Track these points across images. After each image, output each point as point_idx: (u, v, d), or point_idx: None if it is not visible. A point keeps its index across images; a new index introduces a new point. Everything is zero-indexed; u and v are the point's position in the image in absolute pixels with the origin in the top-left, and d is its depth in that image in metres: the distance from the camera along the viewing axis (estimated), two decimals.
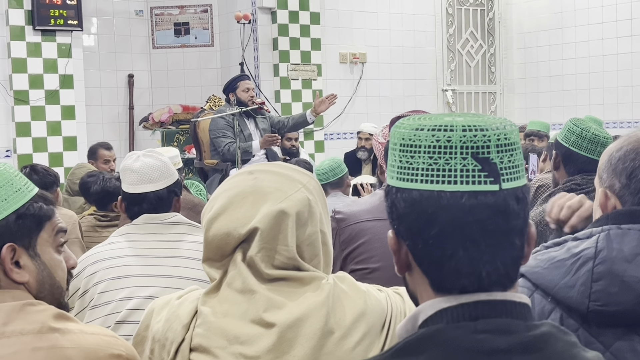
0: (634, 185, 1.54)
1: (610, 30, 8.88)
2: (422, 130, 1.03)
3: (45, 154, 6.90)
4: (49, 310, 1.37)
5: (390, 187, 1.07)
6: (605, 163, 1.62)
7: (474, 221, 1.00)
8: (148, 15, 8.79)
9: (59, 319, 1.36)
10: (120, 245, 2.48)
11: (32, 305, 1.35)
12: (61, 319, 1.36)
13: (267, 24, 8.11)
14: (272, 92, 8.12)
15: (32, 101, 6.83)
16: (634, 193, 1.54)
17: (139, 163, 2.57)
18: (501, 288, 1.03)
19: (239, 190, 1.53)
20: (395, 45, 8.95)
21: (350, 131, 8.43)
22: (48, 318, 1.34)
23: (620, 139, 1.63)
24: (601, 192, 1.63)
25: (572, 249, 1.51)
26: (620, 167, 1.57)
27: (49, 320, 1.34)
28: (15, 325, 1.30)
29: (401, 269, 1.09)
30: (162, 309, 1.57)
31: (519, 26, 9.84)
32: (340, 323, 1.47)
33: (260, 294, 1.47)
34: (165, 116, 8.13)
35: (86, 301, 2.41)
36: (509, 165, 1.01)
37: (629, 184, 1.56)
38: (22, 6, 6.78)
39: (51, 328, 1.32)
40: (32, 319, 1.32)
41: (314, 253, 1.54)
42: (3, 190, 1.37)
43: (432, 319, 1.03)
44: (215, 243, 1.52)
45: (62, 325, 1.34)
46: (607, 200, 1.61)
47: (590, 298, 1.44)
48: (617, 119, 8.86)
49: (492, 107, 9.77)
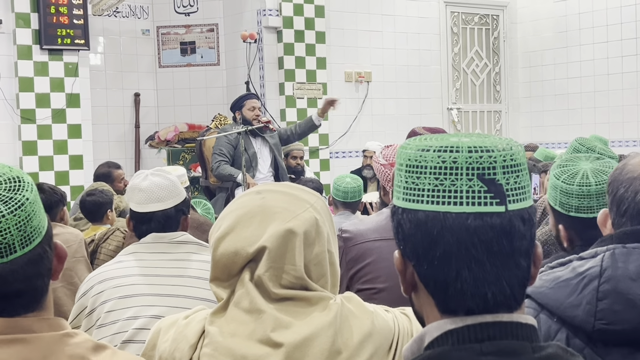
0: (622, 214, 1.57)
1: (615, 49, 8.90)
2: (428, 151, 1.03)
3: (52, 172, 6.92)
4: (88, 342, 1.34)
5: (396, 207, 1.07)
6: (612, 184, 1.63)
7: (479, 242, 1.00)
8: (154, 34, 8.84)
9: (98, 351, 1.33)
10: (128, 264, 2.48)
11: (70, 337, 1.32)
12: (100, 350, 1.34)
13: (273, 43, 8.15)
14: (278, 111, 8.15)
15: (38, 120, 6.86)
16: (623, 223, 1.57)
17: (147, 182, 2.57)
18: (507, 309, 1.03)
19: (246, 210, 1.54)
20: (400, 64, 8.98)
21: (356, 149, 8.44)
22: (87, 351, 1.32)
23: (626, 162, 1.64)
24: (602, 212, 1.66)
25: (577, 268, 1.51)
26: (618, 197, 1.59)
27: (88, 353, 1.31)
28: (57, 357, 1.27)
29: (407, 290, 1.09)
30: (169, 328, 1.57)
31: (524, 45, 9.87)
32: (348, 343, 1.47)
33: (267, 314, 1.47)
34: (171, 135, 8.15)
35: (93, 320, 2.41)
36: (515, 186, 1.01)
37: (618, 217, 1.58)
38: (29, 25, 6.82)
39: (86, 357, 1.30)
40: (71, 352, 1.30)
41: (321, 273, 1.54)
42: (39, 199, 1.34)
43: (438, 341, 1.03)
44: (223, 262, 1.52)
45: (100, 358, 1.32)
46: (606, 221, 1.64)
47: (596, 317, 1.44)
48: (622, 137, 8.86)
49: (497, 125, 9.77)
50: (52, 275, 1.33)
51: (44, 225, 1.30)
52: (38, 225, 1.28)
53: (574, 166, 2.07)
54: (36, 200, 1.29)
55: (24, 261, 1.26)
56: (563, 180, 2.05)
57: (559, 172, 2.09)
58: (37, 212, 1.28)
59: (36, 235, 1.27)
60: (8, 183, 1.28)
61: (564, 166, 2.10)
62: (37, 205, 1.29)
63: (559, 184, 2.06)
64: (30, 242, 1.26)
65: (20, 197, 1.27)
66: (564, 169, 2.09)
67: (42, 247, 1.28)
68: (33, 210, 1.26)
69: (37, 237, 1.27)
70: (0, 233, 1.23)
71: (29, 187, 1.28)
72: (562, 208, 2.04)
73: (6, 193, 1.26)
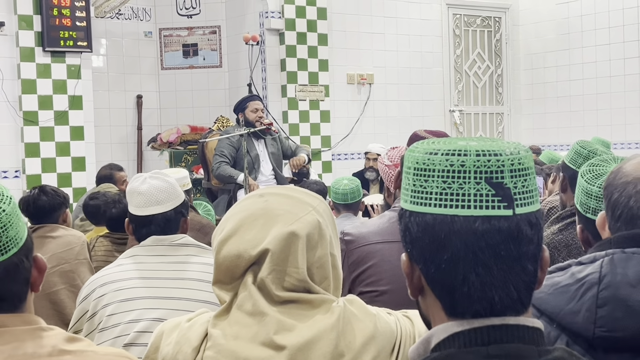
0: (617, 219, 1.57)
1: (617, 51, 8.90)
2: (436, 155, 1.03)
3: (54, 174, 6.92)
4: (61, 333, 1.37)
5: (403, 210, 1.07)
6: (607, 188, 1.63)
7: (487, 246, 1.00)
8: (157, 36, 8.84)
9: (71, 341, 1.36)
10: (128, 268, 2.48)
11: (43, 330, 1.35)
12: (73, 341, 1.37)
13: (275, 45, 8.15)
14: (280, 113, 8.15)
15: (41, 122, 6.86)
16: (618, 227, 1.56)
17: (146, 185, 2.57)
18: (514, 313, 1.03)
19: (249, 213, 1.54)
20: (402, 66, 8.99)
21: (358, 151, 8.44)
22: (59, 341, 1.35)
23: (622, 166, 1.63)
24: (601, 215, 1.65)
25: (576, 274, 1.50)
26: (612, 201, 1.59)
27: (60, 343, 1.34)
28: (27, 349, 1.30)
29: (414, 293, 1.09)
30: (172, 331, 1.57)
31: (526, 47, 9.87)
32: (351, 346, 1.47)
33: (270, 317, 1.47)
34: (174, 137, 8.16)
35: (95, 323, 2.41)
36: (522, 190, 1.01)
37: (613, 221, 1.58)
38: (32, 28, 6.83)
39: (63, 350, 1.33)
40: (43, 342, 1.33)
41: (324, 275, 1.54)
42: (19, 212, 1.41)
43: (445, 343, 1.03)
44: (226, 265, 1.52)
45: (73, 347, 1.35)
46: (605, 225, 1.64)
47: (596, 324, 1.43)
48: (624, 140, 8.86)
49: (499, 127, 9.77)
50: (32, 286, 1.39)
51: (22, 237, 1.36)
52: (15, 237, 1.34)
53: (602, 168, 2.02)
54: (14, 213, 1.35)
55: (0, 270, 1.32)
56: (587, 179, 2.02)
57: (585, 171, 2.05)
58: (14, 224, 1.34)
59: (12, 245, 1.33)
60: None
61: (593, 166, 2.06)
62: (15, 217, 1.35)
63: (582, 183, 2.03)
64: (5, 251, 1.32)
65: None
66: (591, 168, 2.04)
67: (18, 257, 1.34)
68: (9, 222, 1.33)
69: (13, 248, 1.33)
70: None
71: (7, 200, 1.34)
72: (581, 207, 2.00)
73: None
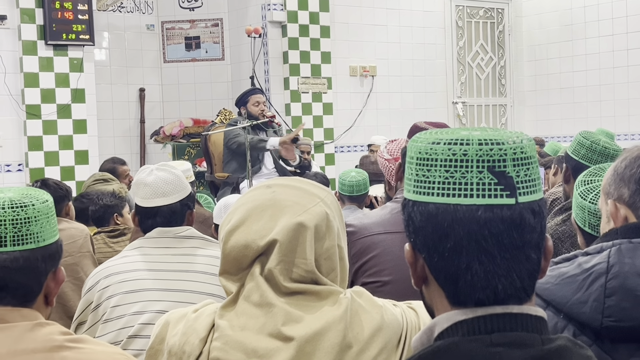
0: None
1: (620, 42, 8.87)
2: (438, 144, 1.03)
3: (57, 167, 6.93)
4: (59, 329, 1.40)
5: (406, 200, 1.07)
6: (611, 177, 1.63)
7: (490, 235, 1.00)
8: (159, 29, 8.84)
9: (69, 337, 1.39)
10: (134, 259, 2.49)
11: (42, 326, 1.37)
12: (71, 336, 1.40)
13: (278, 37, 8.14)
14: (283, 106, 8.14)
15: (44, 115, 6.87)
16: None
17: (153, 177, 2.58)
18: (517, 301, 1.03)
19: (257, 204, 1.54)
20: (405, 58, 8.97)
21: (361, 144, 8.44)
22: (58, 337, 1.37)
23: (620, 156, 1.64)
24: (610, 203, 1.63)
25: (583, 264, 1.51)
26: (628, 174, 1.58)
27: (58, 338, 1.37)
28: (27, 344, 1.33)
29: (418, 282, 1.09)
30: (178, 322, 1.57)
31: (529, 38, 9.85)
32: (358, 337, 1.47)
33: (278, 308, 1.47)
34: (176, 130, 8.16)
35: (99, 315, 2.41)
36: (525, 179, 1.02)
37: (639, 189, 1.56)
38: (34, 21, 6.83)
39: (61, 346, 1.35)
40: (42, 338, 1.35)
41: (331, 267, 1.54)
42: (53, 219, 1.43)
43: (448, 332, 1.04)
44: (233, 255, 1.52)
45: (72, 343, 1.37)
46: (617, 212, 1.61)
47: (604, 314, 1.43)
48: (628, 131, 8.84)
49: (502, 119, 9.76)
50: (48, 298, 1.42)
51: (44, 238, 1.37)
52: (37, 234, 1.35)
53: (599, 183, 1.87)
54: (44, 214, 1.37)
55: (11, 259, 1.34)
56: (590, 200, 1.89)
57: (584, 191, 1.90)
58: (40, 222, 1.36)
59: (30, 240, 1.34)
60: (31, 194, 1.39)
61: (589, 183, 1.91)
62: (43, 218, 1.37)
63: (586, 205, 1.89)
64: (22, 242, 1.34)
65: (28, 202, 1.36)
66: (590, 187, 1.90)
67: (34, 254, 1.36)
68: (35, 218, 1.35)
69: (31, 243, 1.35)
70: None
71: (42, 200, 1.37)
72: (593, 230, 1.87)
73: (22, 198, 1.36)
